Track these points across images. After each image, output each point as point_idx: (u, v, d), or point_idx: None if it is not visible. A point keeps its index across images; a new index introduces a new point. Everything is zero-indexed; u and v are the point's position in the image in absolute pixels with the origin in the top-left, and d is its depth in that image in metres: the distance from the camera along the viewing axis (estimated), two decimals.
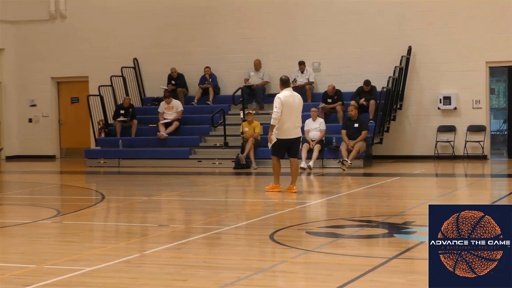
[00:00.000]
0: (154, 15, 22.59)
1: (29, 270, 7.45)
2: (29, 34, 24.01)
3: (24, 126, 24.30)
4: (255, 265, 7.63)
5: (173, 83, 21.95)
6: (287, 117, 13.06)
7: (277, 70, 21.29)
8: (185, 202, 13.12)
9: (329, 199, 12.90)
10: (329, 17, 21.01)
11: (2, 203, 13.82)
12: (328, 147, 18.70)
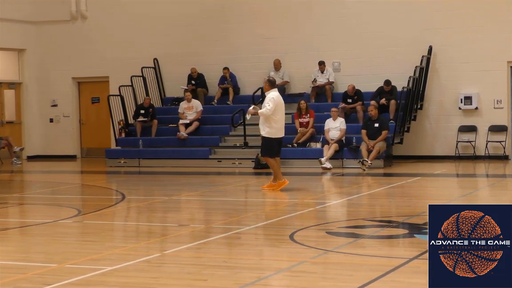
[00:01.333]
0: (174, 15, 22.63)
1: (50, 269, 7.49)
2: (50, 34, 24.14)
3: (45, 126, 24.43)
4: (275, 265, 7.63)
5: (193, 83, 21.99)
6: (280, 116, 13.75)
7: (297, 70, 21.31)
8: (205, 202, 13.14)
9: (349, 199, 12.87)
10: (349, 17, 20.96)
11: (24, 203, 13.91)
12: (348, 147, 18.66)
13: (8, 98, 24.20)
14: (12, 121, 24.21)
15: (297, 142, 19.20)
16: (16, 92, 24.31)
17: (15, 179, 19.04)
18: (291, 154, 19.12)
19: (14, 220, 11.83)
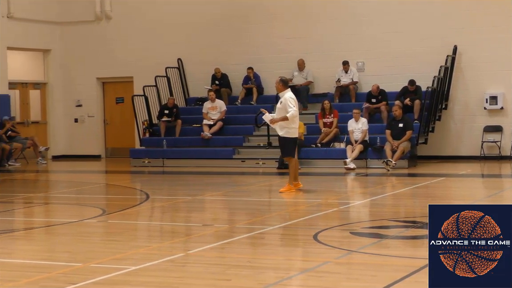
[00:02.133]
0: (199, 15, 22.66)
1: (75, 268, 7.53)
2: (75, 35, 24.27)
3: (70, 126, 24.57)
4: (299, 265, 7.62)
5: (217, 83, 22.02)
6: (297, 117, 13.55)
7: (321, 70, 21.26)
8: (228, 202, 13.15)
9: (373, 200, 12.83)
10: (374, 17, 20.89)
11: (49, 202, 14.00)
12: (372, 147, 18.60)
13: (33, 99, 24.37)
14: (38, 121, 24.37)
15: (321, 142, 19.17)
16: (41, 92, 24.48)
17: (40, 179, 19.17)
18: (314, 154, 19.09)
19: (39, 220, 11.91)
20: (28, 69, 24.72)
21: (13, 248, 9.10)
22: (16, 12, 22.77)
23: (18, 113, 23.75)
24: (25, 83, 24.14)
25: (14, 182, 18.34)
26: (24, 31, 23.14)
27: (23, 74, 24.34)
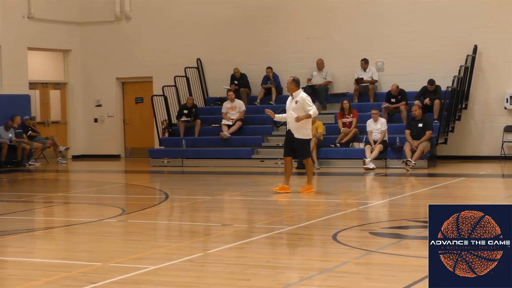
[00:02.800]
0: (218, 16, 22.69)
1: (95, 268, 7.56)
2: (95, 35, 24.38)
3: (90, 126, 24.68)
4: (318, 265, 7.61)
5: (236, 83, 22.04)
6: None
7: (340, 69, 21.23)
8: (247, 202, 13.15)
9: (393, 200, 12.79)
10: (393, 16, 20.82)
11: (69, 202, 14.07)
12: (392, 147, 18.54)
13: (53, 99, 24.50)
14: (58, 121, 24.50)
15: (340, 142, 19.13)
16: (61, 92, 24.60)
17: (60, 179, 19.26)
18: (333, 154, 19.06)
19: (59, 219, 11.97)
20: (48, 69, 24.86)
21: (33, 248, 9.15)
22: (37, 12, 22.90)
23: (39, 113, 23.88)
24: (45, 83, 24.27)
25: (34, 181, 18.44)
26: (44, 32, 23.26)
27: (43, 74, 24.48)
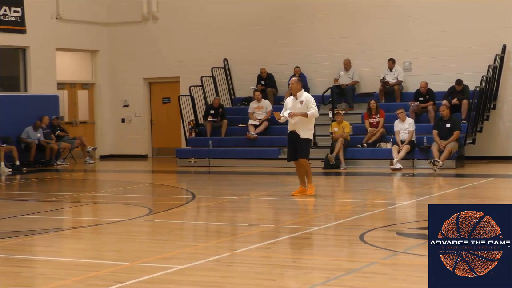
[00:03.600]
0: (244, 16, 22.71)
1: (122, 267, 7.60)
2: (122, 35, 24.49)
3: (117, 126, 24.80)
4: (345, 265, 7.59)
5: (263, 83, 22.04)
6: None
7: (367, 69, 21.16)
8: (274, 202, 13.14)
9: (420, 200, 12.72)
10: (420, 15, 20.70)
11: (97, 202, 14.15)
12: (419, 148, 18.45)
13: (81, 99, 24.65)
14: (86, 121, 24.65)
15: (367, 142, 19.07)
16: (89, 92, 24.75)
17: (88, 178, 19.38)
18: (360, 154, 19.00)
19: (87, 219, 12.05)
20: (76, 69, 25.01)
21: (61, 247, 9.22)
22: (65, 13, 23.06)
23: (67, 113, 24.04)
24: (73, 84, 24.43)
25: (63, 181, 18.57)
26: (73, 32, 23.42)
27: (71, 75, 24.64)
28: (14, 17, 21.62)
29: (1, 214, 12.00)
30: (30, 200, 14.34)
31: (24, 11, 21.83)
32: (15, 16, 21.64)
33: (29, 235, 9.79)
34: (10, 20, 21.50)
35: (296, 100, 13.10)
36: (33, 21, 22.07)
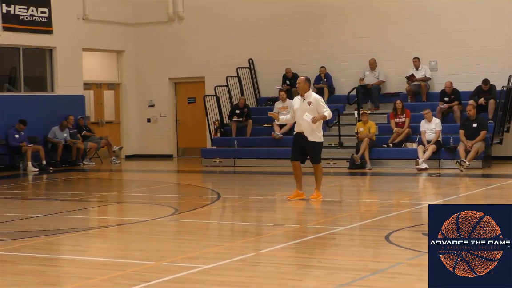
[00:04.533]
0: (269, 15, 22.70)
1: (148, 266, 7.62)
2: (148, 36, 24.59)
3: (143, 126, 24.90)
4: (371, 266, 7.57)
5: (288, 83, 22.02)
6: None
7: (393, 69, 21.07)
8: (299, 202, 13.11)
9: (446, 200, 12.65)
10: (446, 15, 20.57)
11: (122, 201, 14.21)
12: (445, 148, 18.34)
13: (107, 99, 24.78)
14: (111, 121, 24.77)
15: (393, 142, 18.99)
16: (115, 92, 24.87)
17: (113, 178, 19.47)
18: (386, 154, 18.93)
19: (113, 218, 12.11)
20: (102, 70, 25.15)
21: (88, 246, 9.27)
22: (91, 14, 23.19)
23: (93, 113, 24.18)
24: (99, 84, 24.57)
25: (89, 181, 18.68)
26: (99, 33, 23.55)
27: (98, 75, 24.78)
28: (41, 18, 21.78)
29: (28, 213, 12.09)
30: (56, 200, 14.44)
31: (51, 12, 21.99)
32: (42, 17, 21.80)
33: (56, 234, 9.86)
34: (37, 21, 21.66)
35: (304, 101, 12.40)
36: (60, 22, 22.21)
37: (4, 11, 20.83)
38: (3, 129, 20.43)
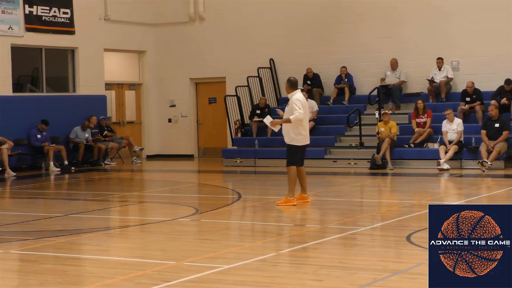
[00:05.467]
0: (290, 15, 22.69)
1: (169, 266, 7.64)
2: (169, 36, 24.65)
3: (164, 126, 24.96)
4: (392, 266, 7.55)
5: (309, 83, 22.01)
6: (305, 121, 11.98)
7: (414, 69, 20.98)
8: (320, 202, 13.10)
9: (468, 201, 12.58)
10: (468, 15, 20.45)
11: (143, 201, 14.26)
12: (467, 148, 18.25)
13: (129, 99, 24.87)
14: (133, 121, 24.86)
15: (414, 142, 18.91)
16: (136, 93, 24.95)
17: (135, 178, 19.54)
18: (407, 154, 18.86)
19: (134, 218, 12.15)
20: (124, 70, 25.24)
21: (109, 246, 9.31)
22: (113, 14, 23.29)
23: (114, 113, 24.28)
24: (121, 84, 24.66)
25: (110, 181, 18.76)
26: (120, 33, 23.64)
27: (119, 75, 24.88)
28: (63, 19, 21.91)
29: (50, 213, 12.17)
30: (78, 200, 14.52)
31: (73, 13, 22.10)
32: (64, 18, 21.93)
33: (78, 234, 9.91)
34: (59, 22, 21.78)
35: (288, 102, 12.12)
36: (82, 22, 22.32)
37: (27, 12, 20.96)
38: (26, 129, 20.55)
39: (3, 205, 14.35)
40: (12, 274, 7.82)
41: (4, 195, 16.11)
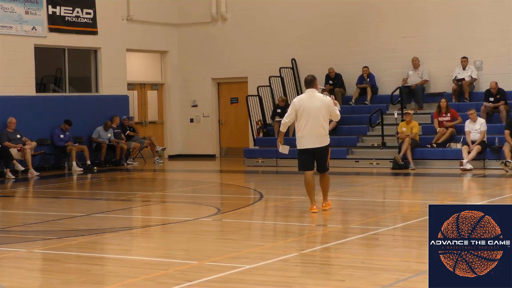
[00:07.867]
0: (312, 15, 22.66)
1: (191, 266, 7.66)
2: (191, 36, 24.70)
3: (186, 126, 25.02)
4: (414, 267, 7.52)
5: (331, 83, 21.97)
6: (302, 123, 11.24)
7: (437, 69, 20.89)
8: (342, 202, 13.08)
9: (491, 201, 12.50)
10: (490, 14, 20.32)
11: (166, 201, 14.31)
12: (491, 148, 18.13)
13: (151, 99, 24.96)
14: (155, 121, 24.94)
15: (436, 142, 18.82)
16: (158, 93, 25.03)
17: (157, 178, 19.60)
18: (430, 154, 18.78)
19: (156, 218, 12.19)
20: (147, 70, 25.33)
21: (132, 245, 9.35)
22: (136, 15, 23.38)
23: (136, 113, 24.37)
24: (143, 84, 24.75)
25: (132, 180, 18.83)
26: (143, 33, 23.72)
27: (141, 75, 24.96)
28: (86, 19, 22.02)
29: (73, 212, 12.23)
30: (101, 199, 14.59)
31: (96, 13, 22.21)
32: (87, 18, 22.04)
33: (100, 234, 9.96)
34: (82, 22, 21.90)
35: None
36: (105, 23, 22.43)
37: (50, 13, 21.09)
38: (49, 129, 20.68)
39: (26, 205, 14.47)
40: (35, 273, 7.88)
41: (28, 195, 16.23)
